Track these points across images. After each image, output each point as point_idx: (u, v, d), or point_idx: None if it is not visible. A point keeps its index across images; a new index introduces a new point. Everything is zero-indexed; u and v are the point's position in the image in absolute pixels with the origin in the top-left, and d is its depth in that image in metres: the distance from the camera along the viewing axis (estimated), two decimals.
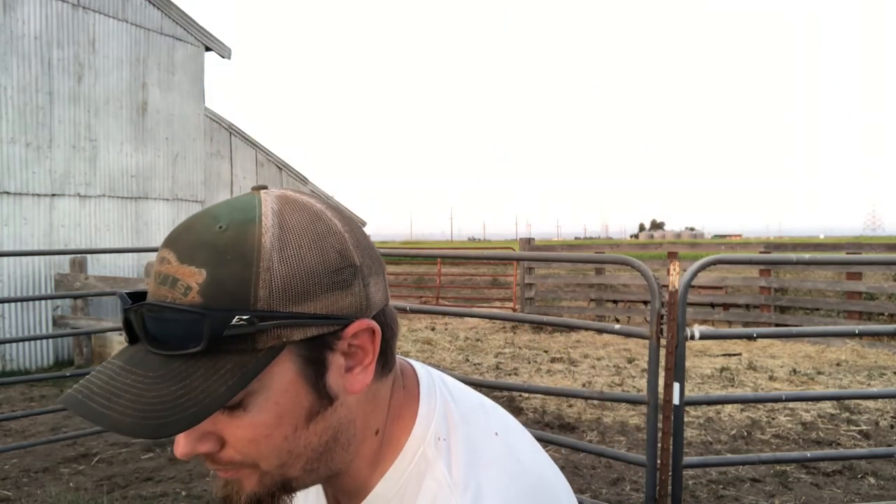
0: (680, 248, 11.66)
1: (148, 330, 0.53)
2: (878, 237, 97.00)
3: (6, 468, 4.35)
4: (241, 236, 0.53)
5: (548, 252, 13.57)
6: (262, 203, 0.56)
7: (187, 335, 0.51)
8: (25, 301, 7.82)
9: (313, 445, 0.58)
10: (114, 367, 0.54)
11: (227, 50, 10.52)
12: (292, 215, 0.56)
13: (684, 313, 2.57)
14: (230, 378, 0.52)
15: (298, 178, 12.77)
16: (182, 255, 0.53)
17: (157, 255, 0.56)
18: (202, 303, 0.51)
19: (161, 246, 0.56)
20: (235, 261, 0.52)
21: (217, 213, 0.56)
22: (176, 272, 0.53)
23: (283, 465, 0.58)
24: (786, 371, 7.36)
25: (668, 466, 2.63)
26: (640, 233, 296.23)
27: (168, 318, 0.52)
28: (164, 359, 0.52)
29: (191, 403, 0.51)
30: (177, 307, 0.52)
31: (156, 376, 0.52)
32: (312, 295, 0.54)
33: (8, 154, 7.67)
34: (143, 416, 0.50)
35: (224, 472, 0.59)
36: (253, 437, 0.55)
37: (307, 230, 0.56)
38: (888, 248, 9.84)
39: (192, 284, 0.52)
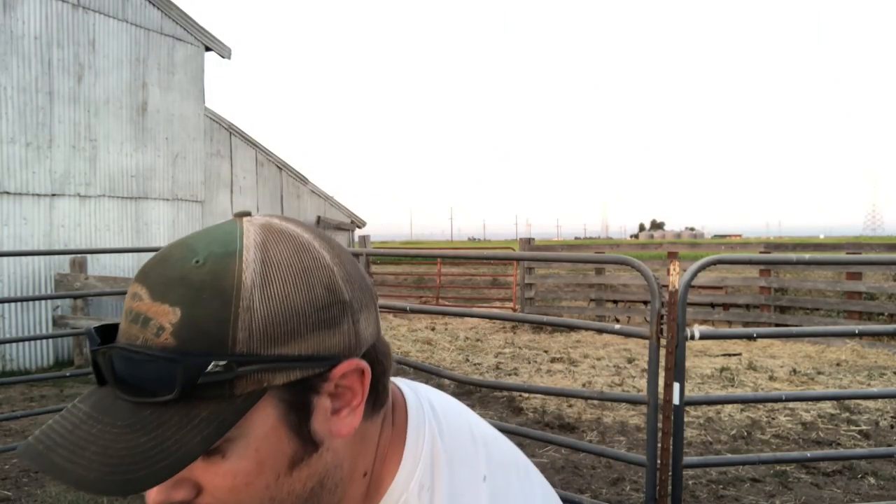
0: (680, 248, 11.65)
1: (117, 373, 0.49)
2: (878, 237, 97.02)
3: (6, 468, 4.35)
4: (220, 272, 0.49)
5: (548, 252, 13.57)
6: (243, 234, 0.52)
7: (159, 381, 0.47)
8: (25, 301, 7.82)
9: (297, 493, 0.54)
10: (79, 413, 0.49)
11: (227, 50, 10.52)
12: (276, 247, 0.52)
13: (684, 313, 2.57)
14: (206, 427, 0.48)
15: (298, 178, 12.77)
16: (154, 291, 0.49)
17: (129, 290, 0.52)
18: (175, 345, 0.47)
19: (133, 280, 0.52)
20: (213, 299, 0.48)
21: (194, 244, 0.52)
22: (148, 310, 0.49)
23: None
24: (786, 371, 7.36)
25: (668, 466, 2.63)
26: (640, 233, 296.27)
27: (138, 361, 0.48)
28: (134, 406, 0.48)
29: (163, 456, 0.47)
30: (148, 351, 0.47)
31: (124, 425, 0.47)
32: (297, 335, 0.50)
33: (8, 154, 7.67)
34: (110, 470, 0.46)
35: None
36: (232, 485, 0.51)
37: (292, 264, 0.51)
38: (888, 248, 9.84)
39: (164, 324, 0.48)
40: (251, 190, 11.64)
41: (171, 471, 0.46)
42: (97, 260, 8.45)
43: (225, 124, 11.04)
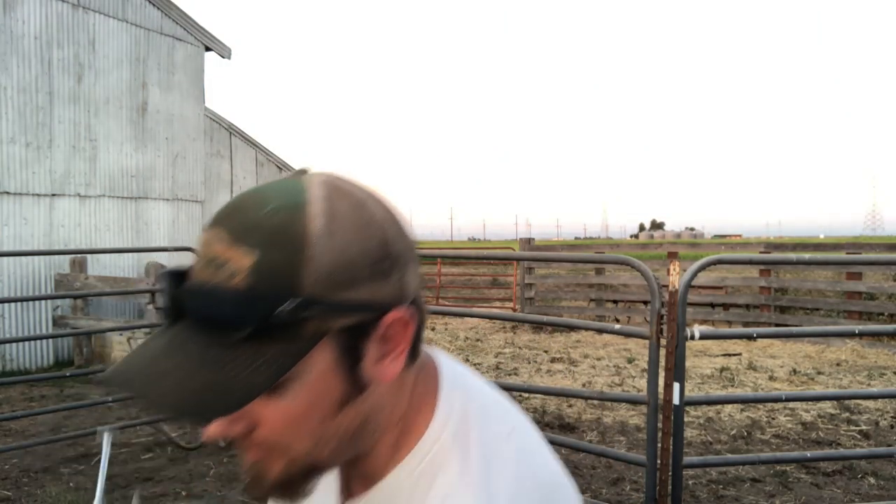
0: (680, 248, 11.66)
1: (193, 313, 0.53)
2: (878, 237, 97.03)
3: (6, 468, 4.35)
4: (290, 221, 0.53)
5: (548, 252, 13.58)
6: (309, 188, 0.56)
7: (234, 320, 0.51)
8: (25, 301, 7.82)
9: (343, 431, 0.59)
10: (156, 348, 0.54)
11: (227, 50, 10.52)
12: (339, 203, 0.56)
13: (684, 313, 2.57)
14: (272, 365, 0.52)
15: None
16: (231, 236, 0.53)
17: (204, 234, 0.56)
18: (249, 287, 0.51)
19: (208, 225, 0.56)
20: (284, 246, 0.52)
21: (265, 195, 0.55)
22: (223, 254, 0.52)
23: (313, 450, 0.58)
24: (786, 371, 7.36)
25: (668, 466, 2.63)
26: (640, 233, 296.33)
27: (215, 301, 0.51)
28: (207, 344, 0.52)
29: (233, 390, 0.51)
30: (225, 290, 0.51)
31: (199, 360, 0.52)
32: (355, 284, 0.54)
33: (8, 154, 7.67)
34: (184, 401, 0.51)
35: (252, 454, 0.59)
36: (287, 422, 0.56)
37: (353, 219, 0.55)
38: (888, 248, 9.85)
39: (239, 268, 0.51)
40: None
41: (239, 404, 0.51)
42: (97, 260, 8.45)
43: (225, 124, 11.04)
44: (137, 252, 8.74)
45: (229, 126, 11.13)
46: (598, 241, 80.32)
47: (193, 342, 0.52)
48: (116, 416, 5.63)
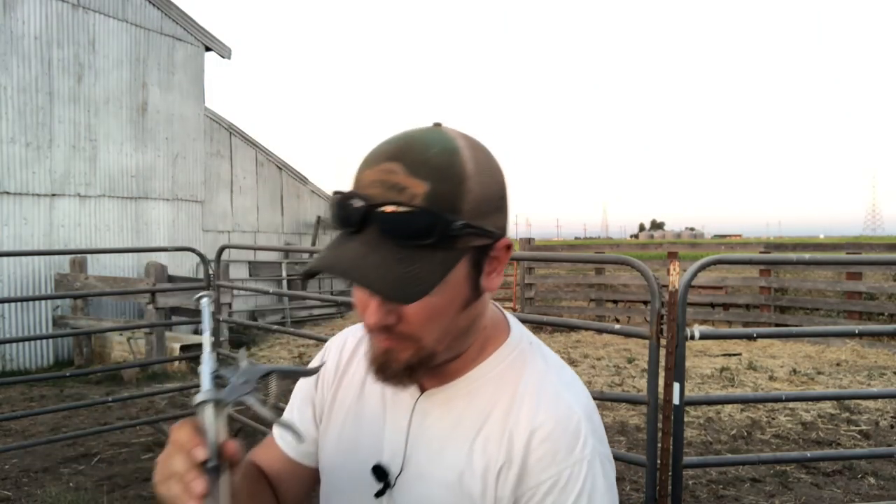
0: (680, 248, 11.65)
1: (386, 225, 0.66)
2: (878, 237, 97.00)
3: (6, 468, 4.34)
4: (451, 161, 0.68)
5: (548, 252, 13.56)
6: (454, 138, 0.71)
7: (420, 233, 0.66)
8: (25, 301, 7.82)
9: (460, 328, 0.76)
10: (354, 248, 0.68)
11: (227, 50, 10.52)
12: (477, 152, 0.72)
13: (684, 313, 2.57)
14: (441, 267, 0.68)
15: (298, 178, 12.76)
16: (409, 169, 0.67)
17: (377, 167, 0.69)
18: (429, 208, 0.66)
19: (379, 159, 0.69)
20: (449, 179, 0.67)
21: (425, 139, 0.70)
22: (403, 181, 0.67)
23: (438, 341, 0.74)
24: (786, 371, 7.36)
25: (668, 466, 2.63)
26: (640, 233, 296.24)
27: (406, 217, 0.66)
28: (398, 246, 0.67)
29: (420, 281, 0.66)
30: (414, 211, 0.66)
31: (396, 258, 0.66)
32: (489, 214, 0.71)
33: (8, 154, 7.67)
34: (392, 285, 0.65)
35: (388, 343, 0.73)
36: (428, 315, 0.71)
37: (487, 165, 0.72)
38: (888, 248, 9.84)
39: (417, 192, 0.66)
40: (251, 190, 11.63)
41: (422, 294, 0.66)
42: (97, 260, 8.45)
43: (225, 124, 11.03)
44: (137, 252, 8.74)
45: (229, 126, 11.12)
46: (598, 241, 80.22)
47: (385, 246, 0.67)
48: (116, 415, 5.63)
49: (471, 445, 0.79)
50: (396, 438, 0.83)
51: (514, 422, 0.77)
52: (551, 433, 0.75)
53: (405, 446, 0.82)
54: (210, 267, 4.74)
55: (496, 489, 0.76)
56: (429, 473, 0.80)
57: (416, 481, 0.80)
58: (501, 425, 0.78)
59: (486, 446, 0.78)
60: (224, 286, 5.13)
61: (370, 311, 0.71)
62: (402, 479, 0.81)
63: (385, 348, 0.74)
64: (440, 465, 0.79)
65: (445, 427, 0.81)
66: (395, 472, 0.82)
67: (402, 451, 0.82)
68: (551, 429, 0.75)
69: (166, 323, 7.05)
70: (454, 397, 0.81)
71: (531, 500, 0.75)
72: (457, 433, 0.80)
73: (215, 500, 0.65)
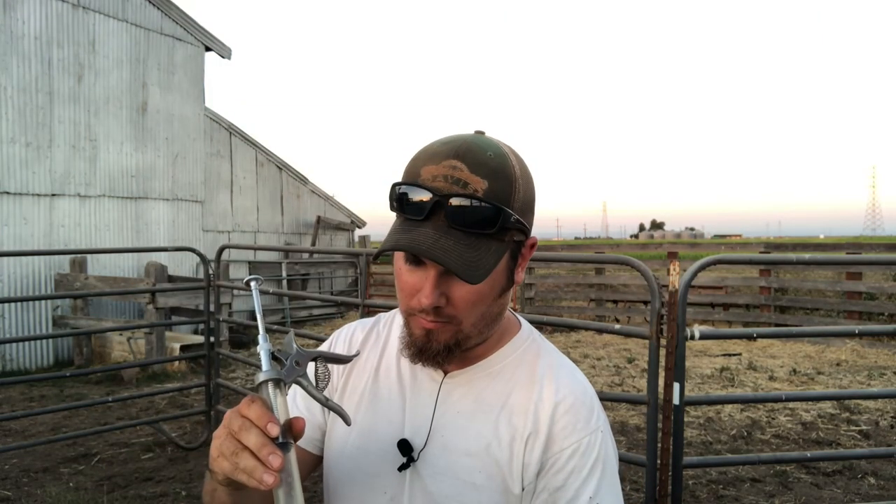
0: (680, 248, 11.65)
1: (455, 215, 0.76)
2: (878, 237, 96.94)
3: (6, 468, 4.34)
4: (504, 164, 0.80)
5: (548, 252, 13.54)
6: (500, 144, 0.83)
7: (485, 222, 0.77)
8: (25, 301, 7.82)
9: (493, 314, 0.86)
10: (428, 233, 0.77)
11: (227, 50, 10.51)
12: (519, 158, 0.84)
13: (684, 313, 2.57)
14: (496, 255, 0.80)
15: (298, 178, 12.76)
16: (471, 167, 0.78)
17: (441, 163, 0.78)
18: (490, 203, 0.77)
19: (442, 157, 0.79)
20: (504, 179, 0.79)
21: (480, 143, 0.81)
22: (467, 178, 0.77)
23: (475, 325, 0.84)
24: (786, 371, 7.36)
25: (668, 466, 2.63)
26: (640, 233, 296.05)
27: (475, 209, 0.76)
28: (464, 234, 0.77)
29: (482, 266, 0.77)
30: (480, 205, 0.77)
31: (465, 244, 0.77)
32: (528, 213, 0.83)
33: (8, 154, 7.66)
34: (464, 266, 0.75)
35: (432, 324, 0.82)
36: (473, 300, 0.81)
37: (526, 170, 0.84)
38: (888, 248, 9.84)
39: (479, 188, 0.77)
40: (251, 190, 11.63)
41: (485, 276, 0.77)
42: (97, 260, 8.45)
43: (225, 124, 11.03)
44: (137, 252, 8.73)
45: (229, 126, 11.12)
46: (598, 241, 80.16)
47: (454, 233, 0.77)
48: (116, 415, 5.63)
49: (496, 418, 0.88)
50: (420, 416, 0.91)
51: (537, 397, 0.88)
52: (572, 406, 0.87)
53: (430, 422, 0.90)
54: (210, 267, 4.74)
55: (524, 456, 0.86)
56: (454, 445, 0.88)
57: (442, 452, 0.89)
58: (525, 400, 0.88)
59: (510, 419, 0.88)
60: (224, 286, 5.13)
61: (426, 292, 0.80)
62: (427, 451, 0.89)
63: (427, 330, 0.83)
64: (466, 436, 0.88)
65: (469, 404, 0.90)
66: (420, 446, 0.90)
67: (426, 426, 0.90)
68: (572, 402, 0.87)
69: (166, 323, 7.05)
70: (476, 378, 0.91)
71: (556, 463, 0.85)
72: (481, 408, 0.89)
73: (288, 473, 0.69)
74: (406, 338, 0.87)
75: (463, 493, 0.86)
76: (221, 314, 4.93)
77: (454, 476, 0.87)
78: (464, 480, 0.87)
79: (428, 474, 0.88)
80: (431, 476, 0.88)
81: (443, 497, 0.87)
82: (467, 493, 0.86)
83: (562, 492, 0.84)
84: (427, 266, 0.80)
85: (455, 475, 0.87)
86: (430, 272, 0.80)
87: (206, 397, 4.80)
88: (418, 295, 0.81)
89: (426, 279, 0.80)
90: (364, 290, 5.99)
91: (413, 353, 0.86)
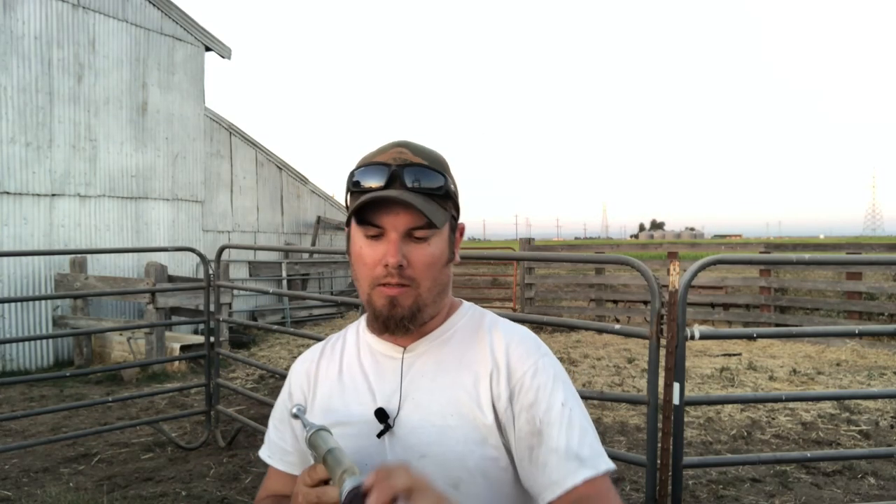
0: (680, 248, 11.65)
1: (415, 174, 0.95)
2: (878, 237, 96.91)
3: (6, 468, 4.34)
4: (438, 155, 1.01)
5: (548, 252, 13.55)
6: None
7: (437, 183, 0.96)
8: (25, 301, 7.82)
9: (443, 283, 1.01)
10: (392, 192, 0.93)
11: (227, 50, 10.51)
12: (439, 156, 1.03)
13: (684, 313, 2.57)
14: (444, 216, 0.97)
15: (298, 178, 12.76)
16: (413, 152, 0.97)
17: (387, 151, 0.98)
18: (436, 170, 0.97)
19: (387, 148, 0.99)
20: (440, 164, 0.99)
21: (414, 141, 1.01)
22: (412, 159, 0.96)
23: (430, 289, 0.97)
24: (786, 371, 7.36)
25: (668, 466, 2.63)
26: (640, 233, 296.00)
27: (429, 170, 0.96)
28: (420, 195, 0.94)
29: (438, 217, 0.94)
30: (440, 172, 0.97)
31: (423, 200, 0.93)
32: (457, 196, 1.02)
33: (8, 154, 7.66)
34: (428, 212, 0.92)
35: (396, 290, 0.95)
36: (428, 262, 0.96)
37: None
38: (888, 248, 9.83)
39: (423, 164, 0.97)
40: (251, 190, 11.63)
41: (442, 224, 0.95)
42: (97, 260, 8.45)
43: (225, 124, 11.03)
44: (137, 252, 8.73)
45: (229, 126, 11.12)
46: (598, 241, 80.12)
47: (412, 192, 0.94)
48: (116, 415, 5.63)
49: (457, 371, 1.00)
50: (388, 389, 1.02)
51: (489, 343, 1.02)
52: (521, 339, 1.02)
53: (399, 389, 1.01)
54: (210, 267, 4.74)
55: (491, 390, 0.98)
56: (425, 401, 0.99)
57: (415, 410, 0.99)
58: (479, 350, 1.02)
59: (470, 367, 1.00)
60: (224, 286, 5.13)
61: (391, 252, 0.93)
62: (401, 414, 0.99)
63: (390, 298, 0.95)
64: (432, 392, 0.99)
65: (431, 366, 1.02)
66: (394, 412, 0.99)
67: (396, 394, 1.01)
68: (520, 337, 1.03)
69: (166, 323, 7.05)
70: (432, 347, 1.03)
71: (522, 385, 0.98)
72: (442, 367, 1.01)
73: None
74: (370, 315, 1.00)
75: (441, 436, 0.96)
76: (221, 314, 4.93)
77: (430, 424, 0.97)
78: (439, 426, 0.97)
79: (406, 433, 0.98)
80: (410, 432, 0.98)
81: (424, 446, 0.96)
82: (445, 434, 0.96)
83: (536, 406, 0.96)
84: (387, 234, 0.94)
85: (431, 423, 0.97)
86: (392, 237, 0.94)
87: (206, 397, 4.80)
88: (382, 259, 0.93)
89: (388, 244, 0.94)
90: None
91: (380, 325, 0.98)
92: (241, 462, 4.49)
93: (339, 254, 13.19)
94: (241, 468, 4.38)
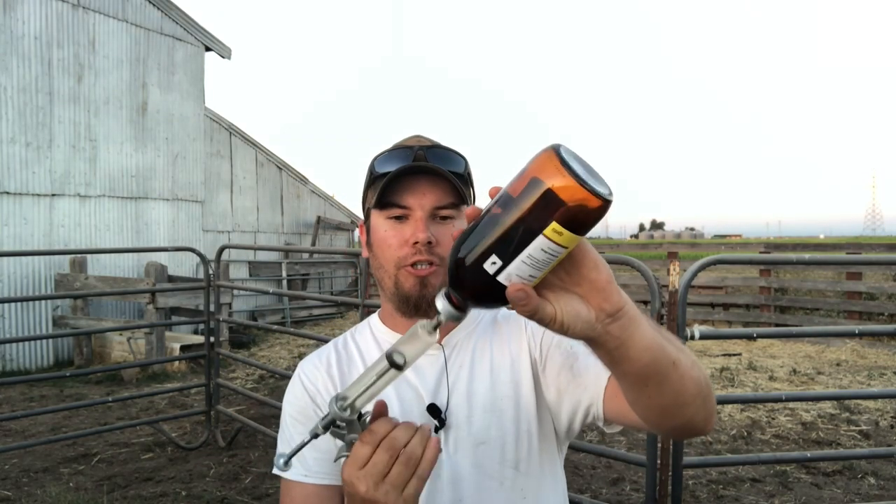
0: (680, 248, 11.65)
1: (441, 154, 0.98)
2: (878, 237, 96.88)
3: (6, 468, 4.34)
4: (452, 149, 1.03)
5: None
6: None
7: (457, 164, 0.99)
8: (25, 301, 7.81)
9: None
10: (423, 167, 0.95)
11: (227, 50, 10.51)
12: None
13: (684, 313, 2.57)
14: (469, 195, 1.01)
15: (298, 178, 12.76)
16: (431, 141, 1.02)
17: (409, 139, 1.03)
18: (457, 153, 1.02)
19: (408, 139, 1.03)
20: (458, 153, 1.01)
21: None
22: (434, 143, 1.01)
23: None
24: (786, 371, 7.36)
25: (668, 466, 2.63)
26: (640, 233, 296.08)
27: (449, 151, 0.99)
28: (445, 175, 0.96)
29: (463, 193, 0.97)
30: (461, 156, 1.01)
31: (450, 175, 0.96)
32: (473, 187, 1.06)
33: (8, 154, 7.66)
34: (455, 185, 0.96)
35: (424, 270, 0.95)
36: (450, 239, 0.91)
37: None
38: (888, 248, 9.84)
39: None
40: (251, 190, 11.63)
41: (468, 203, 1.00)
42: (97, 260, 8.44)
43: (225, 124, 11.03)
44: (137, 252, 8.73)
45: (229, 126, 11.12)
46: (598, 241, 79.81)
47: (440, 170, 0.95)
48: (116, 415, 5.63)
49: (492, 355, 1.03)
50: (431, 384, 1.01)
51: (513, 322, 1.04)
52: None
53: (446, 383, 1.00)
54: (210, 267, 4.74)
55: (531, 358, 1.01)
56: (471, 390, 1.00)
57: (464, 401, 0.99)
58: (506, 329, 1.05)
59: (502, 348, 1.03)
60: (224, 286, 5.13)
61: (420, 228, 0.94)
62: (451, 406, 0.99)
63: (420, 279, 0.95)
64: (475, 381, 1.00)
65: (468, 356, 1.03)
66: (444, 406, 0.99)
67: (442, 388, 1.00)
68: None
69: (166, 323, 7.05)
70: (465, 336, 1.05)
71: (545, 340, 1.01)
72: (478, 354, 1.03)
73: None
74: (399, 297, 0.98)
75: (495, 421, 0.98)
76: (221, 314, 4.93)
77: (483, 409, 0.98)
78: (490, 412, 0.98)
79: (460, 423, 0.98)
80: (466, 421, 0.98)
81: (483, 430, 0.98)
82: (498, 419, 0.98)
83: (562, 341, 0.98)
84: (413, 213, 0.95)
85: (483, 408, 0.98)
86: (417, 215, 0.95)
87: (206, 397, 4.80)
88: (410, 238, 0.94)
89: (415, 222, 0.95)
90: (364, 290, 5.97)
91: (411, 308, 0.97)
92: (241, 462, 4.49)
93: (339, 254, 13.19)
94: (241, 468, 4.38)
